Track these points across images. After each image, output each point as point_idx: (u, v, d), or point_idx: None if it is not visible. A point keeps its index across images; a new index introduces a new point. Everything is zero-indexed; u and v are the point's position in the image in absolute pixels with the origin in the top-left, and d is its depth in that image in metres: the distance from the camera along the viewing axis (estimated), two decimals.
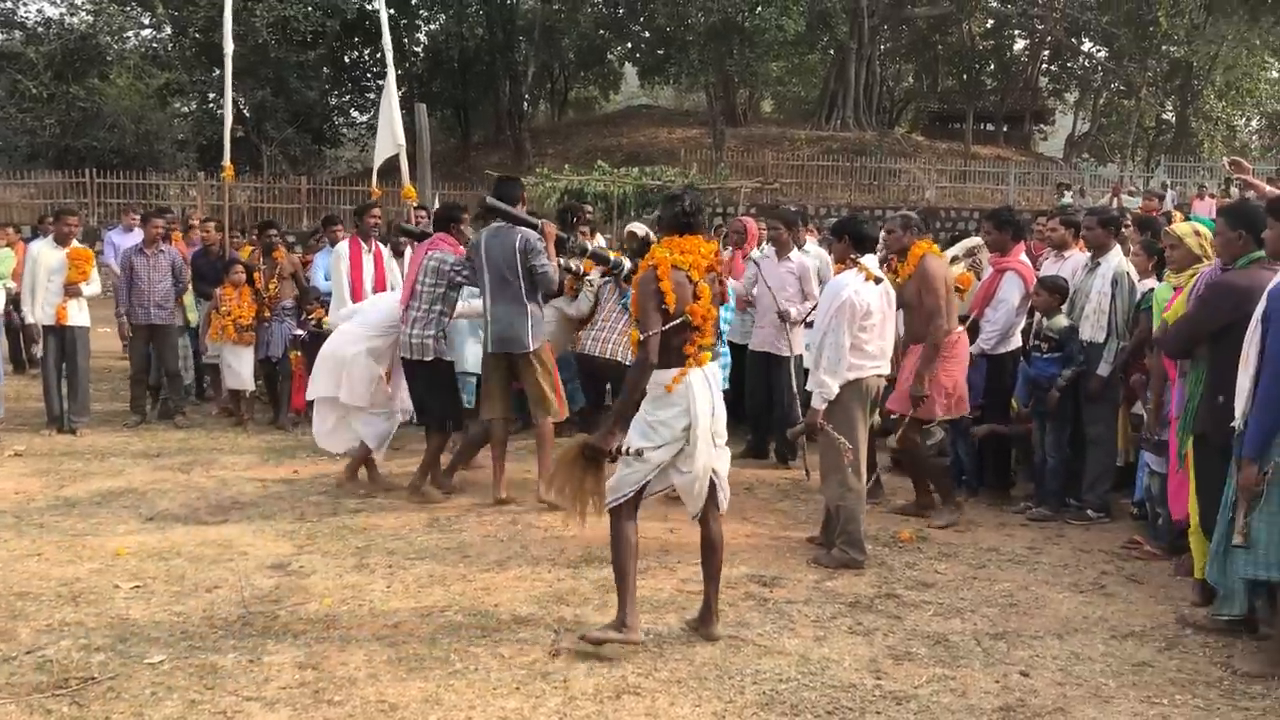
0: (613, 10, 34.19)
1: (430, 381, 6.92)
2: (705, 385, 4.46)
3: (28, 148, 25.58)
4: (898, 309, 6.64)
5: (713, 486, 4.54)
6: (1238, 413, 4.41)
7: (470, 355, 7.85)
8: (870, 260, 5.67)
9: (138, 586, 5.20)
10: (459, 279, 6.83)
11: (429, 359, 6.81)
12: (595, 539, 6.02)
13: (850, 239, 5.69)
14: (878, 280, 5.61)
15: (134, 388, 9.68)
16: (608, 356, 7.13)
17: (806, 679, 4.22)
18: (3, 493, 7.00)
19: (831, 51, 35.45)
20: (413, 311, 6.83)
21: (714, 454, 4.50)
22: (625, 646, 4.38)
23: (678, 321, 4.40)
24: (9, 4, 27.65)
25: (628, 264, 6.97)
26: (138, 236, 10.69)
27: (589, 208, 8.62)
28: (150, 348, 9.65)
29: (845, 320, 5.41)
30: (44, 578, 5.31)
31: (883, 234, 6.60)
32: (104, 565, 5.54)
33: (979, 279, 7.26)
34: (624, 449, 4.42)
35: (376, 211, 8.90)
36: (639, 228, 8.30)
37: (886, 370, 5.83)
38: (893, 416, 6.47)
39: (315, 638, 4.57)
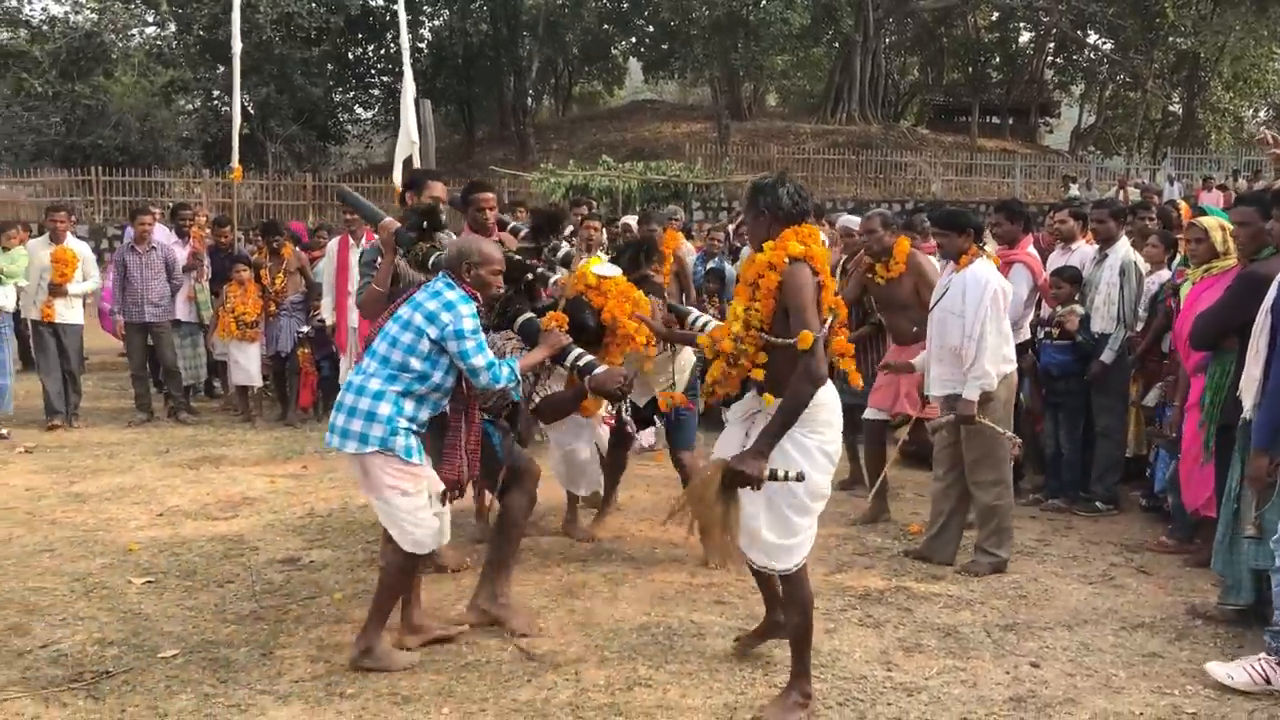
0: (617, 4, 34.20)
1: None
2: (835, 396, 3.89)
3: (33, 146, 25.63)
4: (881, 310, 6.61)
5: None
6: (1247, 404, 4.40)
7: None
8: (991, 249, 5.62)
9: (150, 581, 5.23)
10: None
11: None
12: (604, 535, 6.05)
13: (974, 231, 5.49)
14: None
15: (136, 385, 9.71)
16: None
17: (817, 671, 4.21)
18: (14, 489, 7.03)
19: (836, 45, 35.41)
20: None
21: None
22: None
23: (830, 322, 3.85)
24: (14, 2, 27.71)
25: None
26: (159, 233, 10.65)
27: (488, 196, 6.89)
28: (149, 345, 9.67)
29: (1000, 308, 5.31)
30: (57, 573, 5.34)
31: (859, 236, 6.51)
32: (116, 560, 5.56)
33: None
34: (785, 474, 3.69)
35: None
36: (633, 220, 8.26)
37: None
38: (896, 419, 6.42)
39: (327, 631, 4.58)
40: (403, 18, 11.02)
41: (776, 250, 3.76)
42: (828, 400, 3.78)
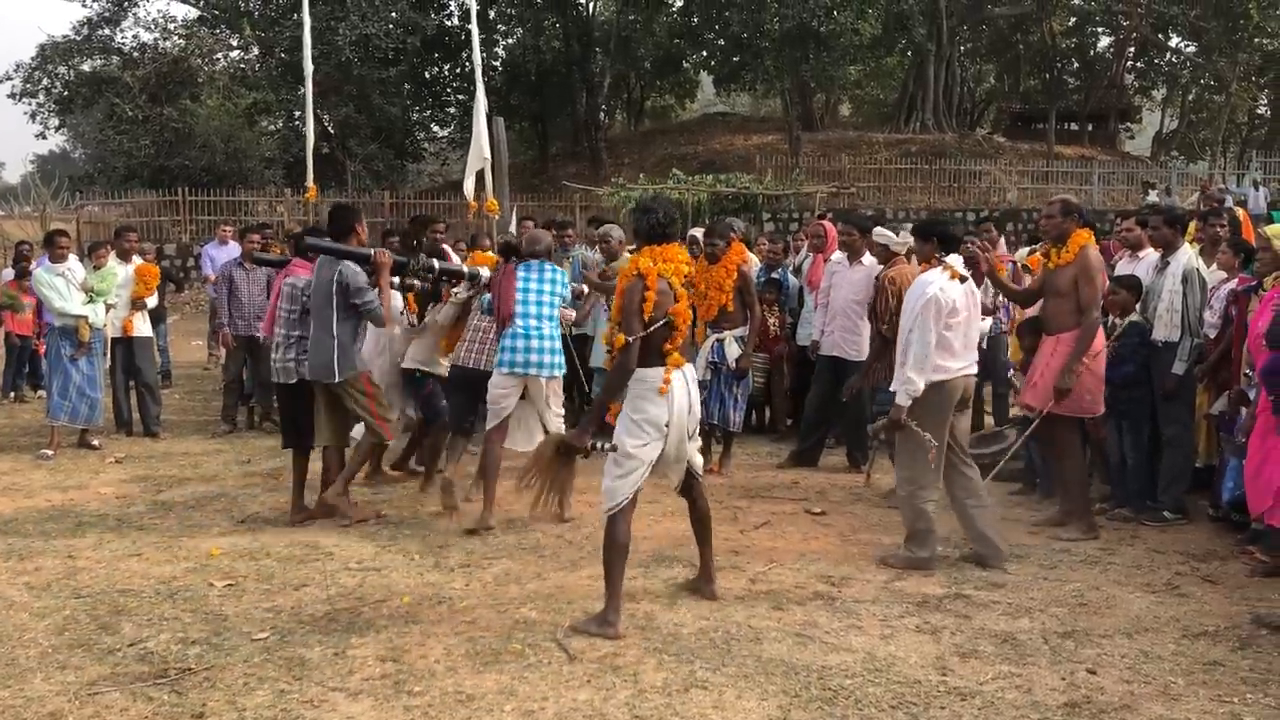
0: (688, 19, 34.32)
1: (296, 403, 6.84)
2: (684, 384, 4.86)
3: (124, 168, 26.51)
4: (1041, 297, 6.52)
5: (690, 468, 5.03)
6: None
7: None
8: (955, 260, 5.70)
9: (230, 584, 5.45)
10: (309, 304, 6.67)
11: (293, 382, 6.75)
12: (667, 538, 6.16)
13: (938, 239, 5.79)
14: (963, 279, 5.65)
15: (226, 396, 10.05)
16: (482, 368, 6.71)
17: (872, 675, 4.29)
18: (105, 497, 7.36)
19: (909, 54, 35.17)
20: (276, 337, 6.84)
21: (686, 446, 4.91)
22: (604, 639, 4.63)
23: (661, 324, 4.73)
24: (107, 31, 28.79)
25: (485, 272, 6.89)
26: (232, 250, 11.04)
27: (441, 225, 8.33)
28: (246, 359, 10.00)
29: (930, 317, 5.46)
30: (144, 576, 5.60)
31: (1041, 219, 6.50)
32: (199, 565, 5.81)
33: None
34: (602, 446, 4.75)
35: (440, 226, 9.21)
36: (698, 232, 8.36)
37: (974, 370, 5.84)
38: (1030, 414, 6.38)
39: (397, 632, 4.75)
40: (475, 36, 11.33)
41: (631, 263, 4.85)
42: (647, 379, 4.74)
